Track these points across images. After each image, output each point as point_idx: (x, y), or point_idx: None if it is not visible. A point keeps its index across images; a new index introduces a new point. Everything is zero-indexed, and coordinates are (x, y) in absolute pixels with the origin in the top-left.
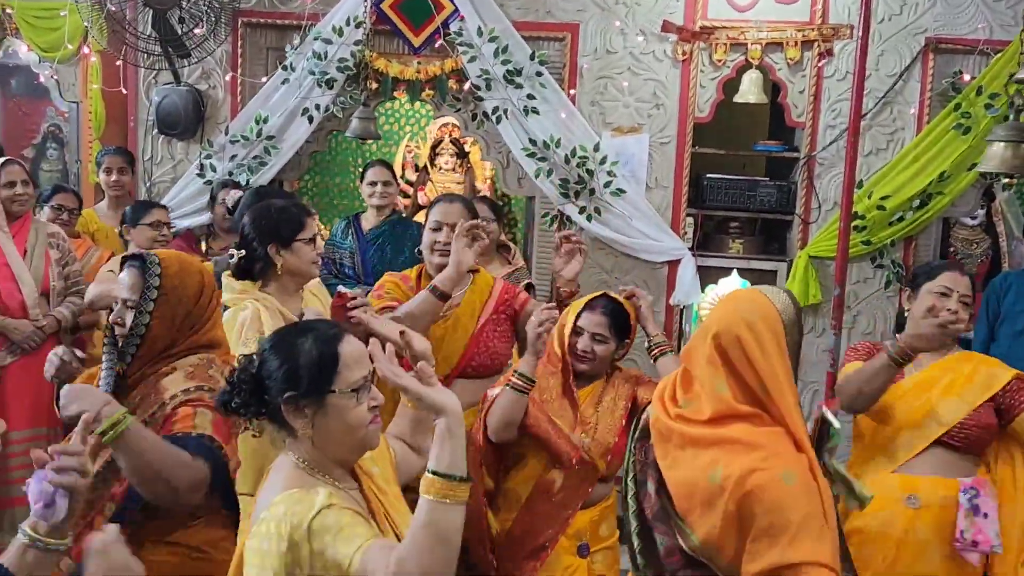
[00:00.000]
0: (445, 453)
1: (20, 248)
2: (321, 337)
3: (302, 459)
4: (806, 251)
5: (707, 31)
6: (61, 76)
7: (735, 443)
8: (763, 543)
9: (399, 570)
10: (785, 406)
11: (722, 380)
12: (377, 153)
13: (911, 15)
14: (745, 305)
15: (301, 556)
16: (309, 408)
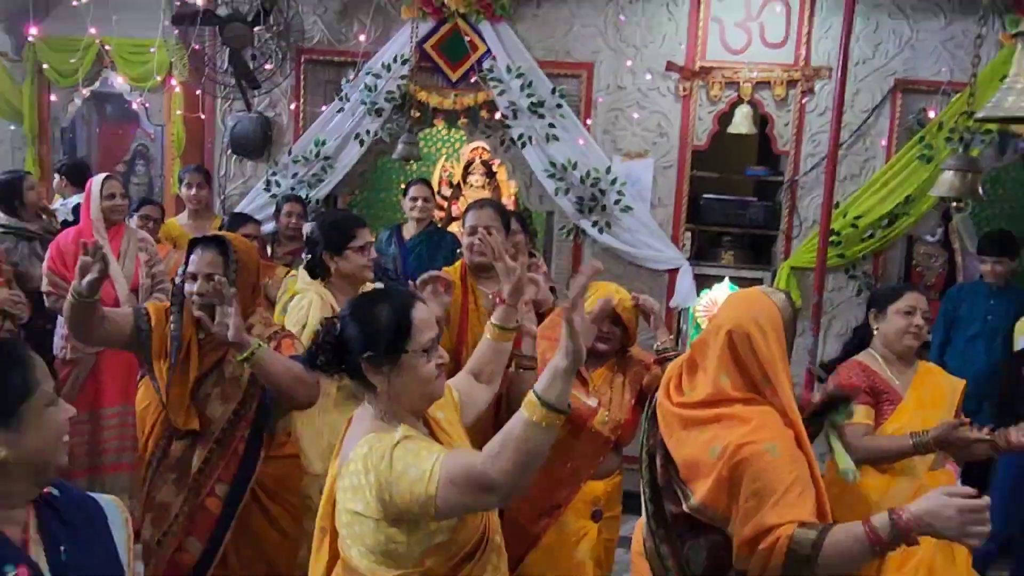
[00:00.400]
0: (556, 387)
1: (115, 251)
2: (396, 304)
3: (380, 410)
4: (788, 262)
5: (705, 71)
6: (149, 103)
7: (731, 419)
8: (751, 506)
9: (489, 464)
10: (783, 392)
11: (724, 371)
12: (417, 172)
13: (882, 59)
14: (754, 305)
15: (387, 481)
16: (386, 366)
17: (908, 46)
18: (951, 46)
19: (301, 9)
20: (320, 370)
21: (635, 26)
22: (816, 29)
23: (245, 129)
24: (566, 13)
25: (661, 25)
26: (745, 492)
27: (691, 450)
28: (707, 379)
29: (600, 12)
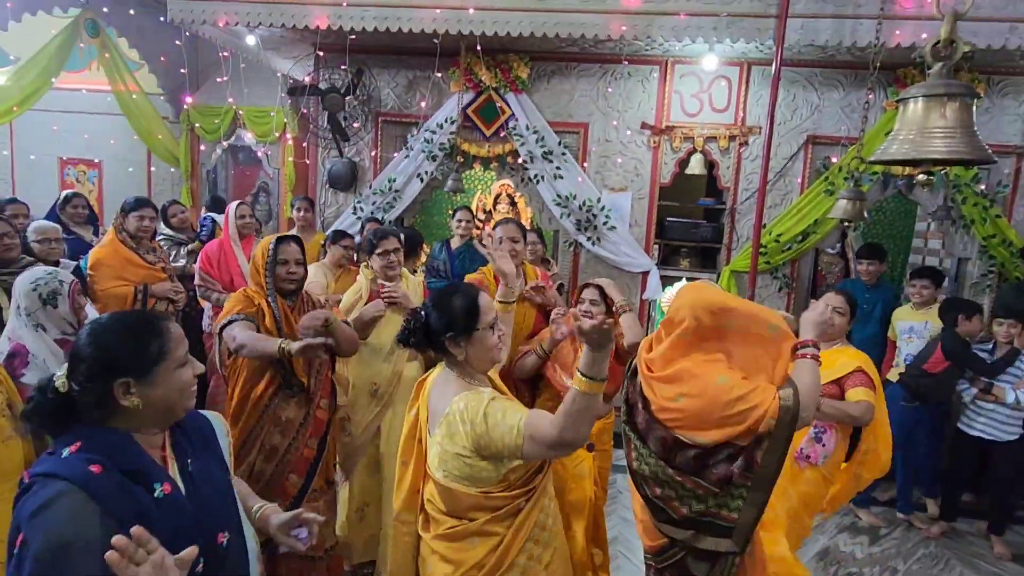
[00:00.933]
0: (595, 367)
1: (246, 255)
2: (466, 295)
3: (459, 373)
4: (729, 267)
5: (669, 128)
6: (270, 152)
7: (685, 373)
8: (735, 410)
9: (558, 429)
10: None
11: (679, 338)
12: (460, 201)
13: (798, 120)
14: (705, 293)
15: (482, 432)
16: (463, 341)
17: (817, 110)
18: (848, 110)
19: (379, 84)
20: (413, 347)
21: (618, 96)
22: (750, 98)
23: (338, 170)
24: (568, 87)
25: (637, 95)
26: (726, 409)
27: (662, 400)
28: (667, 345)
29: (593, 86)
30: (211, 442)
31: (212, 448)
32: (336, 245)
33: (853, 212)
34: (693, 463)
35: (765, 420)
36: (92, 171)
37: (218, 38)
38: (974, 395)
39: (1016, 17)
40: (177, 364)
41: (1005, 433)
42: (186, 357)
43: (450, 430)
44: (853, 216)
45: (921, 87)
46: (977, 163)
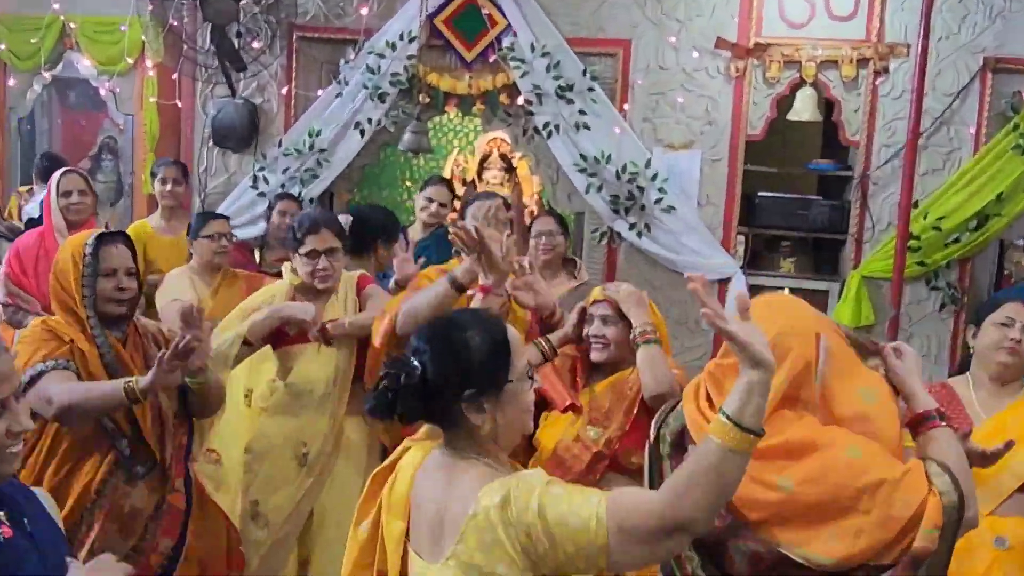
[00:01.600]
0: (751, 407)
1: None
2: (489, 329)
3: (476, 454)
4: (859, 271)
5: (761, 48)
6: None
7: (798, 444)
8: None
9: (676, 503)
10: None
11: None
12: (425, 167)
13: (970, 34)
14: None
15: (542, 534)
16: (488, 403)
17: (1000, 18)
18: None
19: None
20: (399, 420)
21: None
22: (890, 2)
23: (229, 117)
24: None
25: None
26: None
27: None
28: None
29: None
30: (44, 514)
31: (49, 519)
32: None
33: None
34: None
35: (928, 520)
36: None
37: None
38: None
39: None
40: None
41: None
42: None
43: (484, 541)
44: None
45: None
46: None
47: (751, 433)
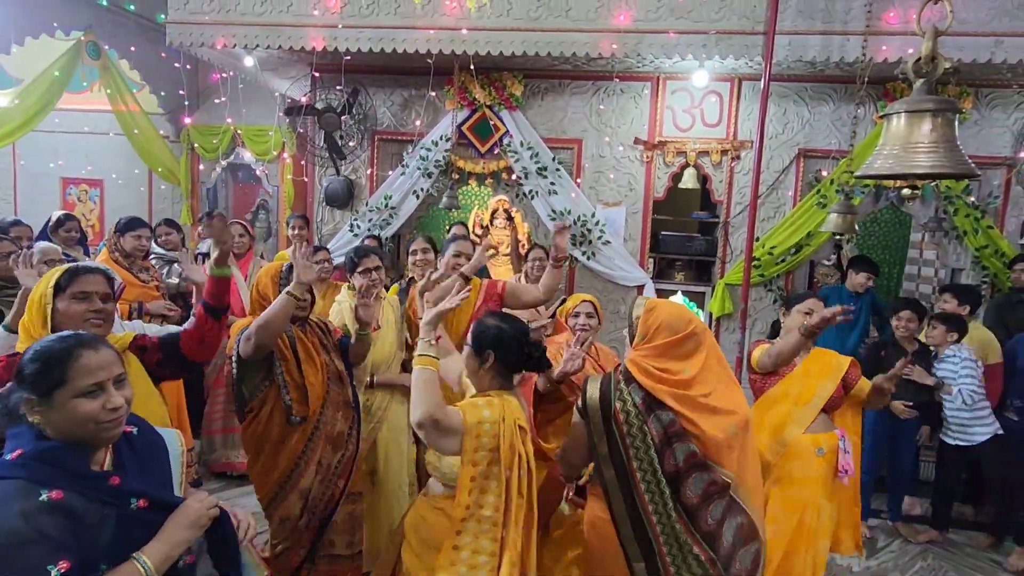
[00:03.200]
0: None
1: (243, 273)
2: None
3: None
4: (723, 280)
5: (662, 143)
6: (268, 171)
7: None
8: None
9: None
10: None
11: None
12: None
13: (790, 134)
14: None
15: None
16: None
17: (808, 124)
18: (839, 123)
19: (375, 103)
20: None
21: (611, 112)
22: (742, 113)
23: (335, 188)
24: (562, 103)
25: (630, 111)
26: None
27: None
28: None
29: (586, 102)
30: (158, 462)
31: (157, 468)
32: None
33: (844, 225)
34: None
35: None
36: (94, 190)
37: (216, 59)
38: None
39: (1000, 32)
40: (77, 393)
41: (977, 435)
42: (94, 387)
43: None
44: (845, 229)
45: (903, 103)
46: (960, 177)
47: (428, 357)
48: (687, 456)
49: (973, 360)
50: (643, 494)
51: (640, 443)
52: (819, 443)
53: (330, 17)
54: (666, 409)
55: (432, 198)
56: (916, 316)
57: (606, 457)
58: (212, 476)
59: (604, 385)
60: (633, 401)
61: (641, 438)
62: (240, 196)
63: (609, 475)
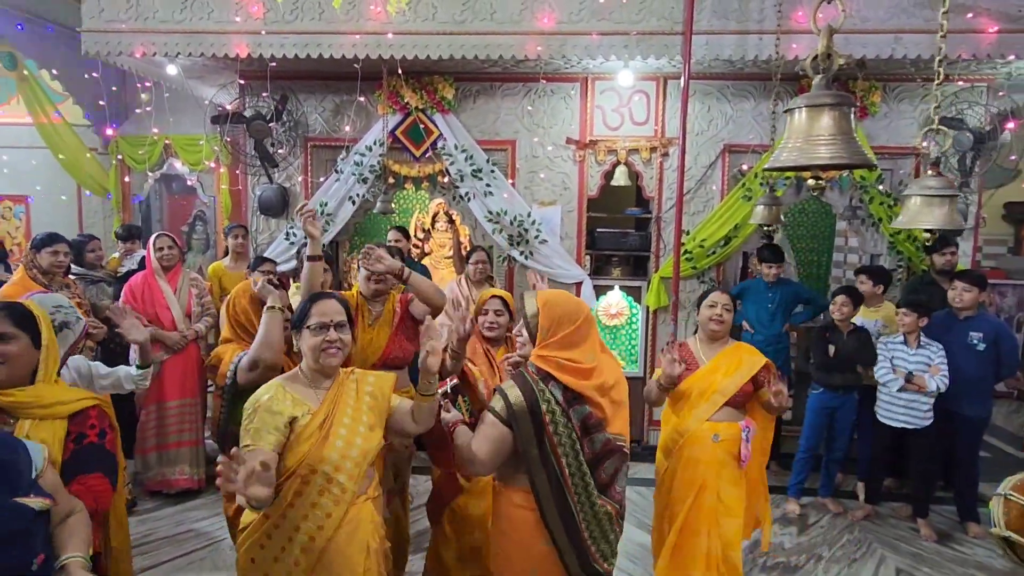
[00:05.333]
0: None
1: (172, 287)
2: (312, 296)
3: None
4: (658, 274)
5: (593, 143)
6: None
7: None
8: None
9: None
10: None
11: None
12: (396, 222)
13: (715, 130)
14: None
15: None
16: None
17: (731, 120)
18: (760, 119)
19: (305, 109)
20: None
21: (543, 113)
22: (668, 111)
23: (268, 196)
24: (494, 105)
25: (561, 111)
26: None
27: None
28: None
29: (518, 104)
30: (9, 472)
31: (9, 477)
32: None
33: (770, 217)
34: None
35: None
36: (19, 206)
37: (139, 68)
38: (900, 385)
39: (900, 28)
40: None
41: (923, 420)
42: None
43: None
44: (771, 220)
45: (804, 98)
46: (856, 167)
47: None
48: (603, 444)
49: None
50: (568, 480)
51: (566, 439)
52: (716, 430)
53: (253, 23)
54: (583, 403)
55: (369, 203)
56: (851, 301)
57: (536, 459)
58: (148, 495)
59: (525, 389)
60: (556, 399)
61: (567, 434)
62: (175, 208)
63: (540, 476)
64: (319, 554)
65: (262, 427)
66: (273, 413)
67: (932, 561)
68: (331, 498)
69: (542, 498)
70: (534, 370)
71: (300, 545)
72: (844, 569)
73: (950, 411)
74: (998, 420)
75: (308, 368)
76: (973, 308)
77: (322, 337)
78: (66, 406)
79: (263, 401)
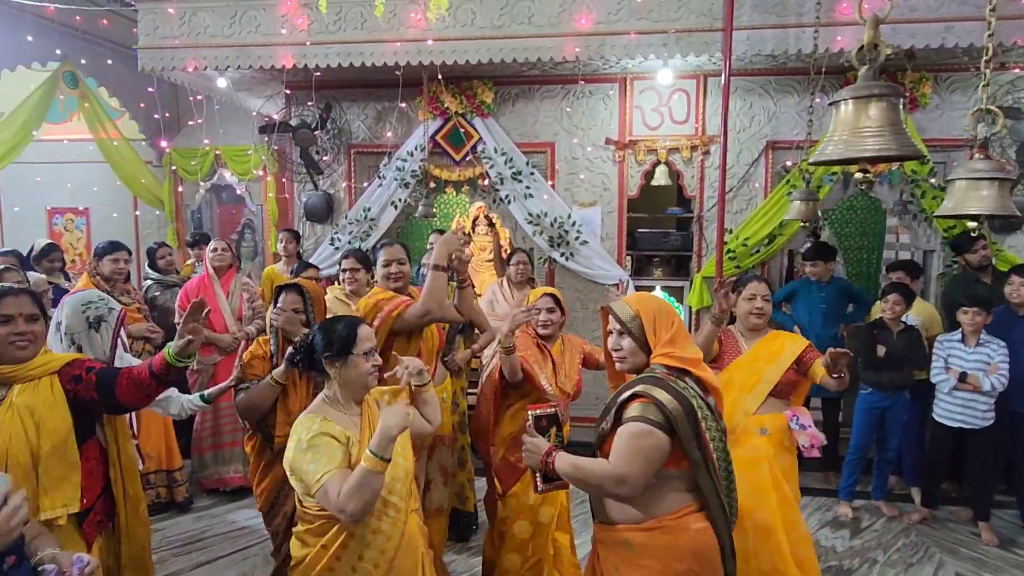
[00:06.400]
0: (382, 445)
1: (225, 290)
2: (347, 322)
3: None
4: (700, 273)
5: (633, 143)
6: (251, 189)
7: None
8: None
9: (341, 499)
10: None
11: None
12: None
13: (757, 127)
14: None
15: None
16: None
17: (774, 116)
18: (804, 115)
19: (348, 117)
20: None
21: (581, 115)
22: (708, 109)
23: (314, 203)
24: (532, 108)
25: (600, 112)
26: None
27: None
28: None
29: (556, 106)
30: None
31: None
32: (304, 276)
33: (807, 212)
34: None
35: None
36: (80, 219)
37: (190, 82)
38: (953, 385)
39: (950, 17)
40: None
41: (983, 420)
42: None
43: (289, 447)
44: (807, 216)
45: (850, 90)
46: (906, 159)
47: (383, 459)
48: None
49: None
50: (719, 477)
51: (715, 432)
52: (762, 423)
53: (298, 35)
54: (708, 392)
55: (411, 208)
56: (903, 299)
57: (700, 461)
58: (204, 493)
59: (673, 391)
60: (699, 395)
61: (715, 427)
62: (225, 217)
63: (704, 479)
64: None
65: (331, 450)
66: (333, 437)
67: (994, 566)
68: (389, 521)
69: (712, 507)
70: (663, 371)
71: (364, 574)
72: (901, 573)
73: (1012, 411)
74: None
75: (343, 395)
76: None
77: (372, 362)
78: (52, 363)
79: (316, 429)
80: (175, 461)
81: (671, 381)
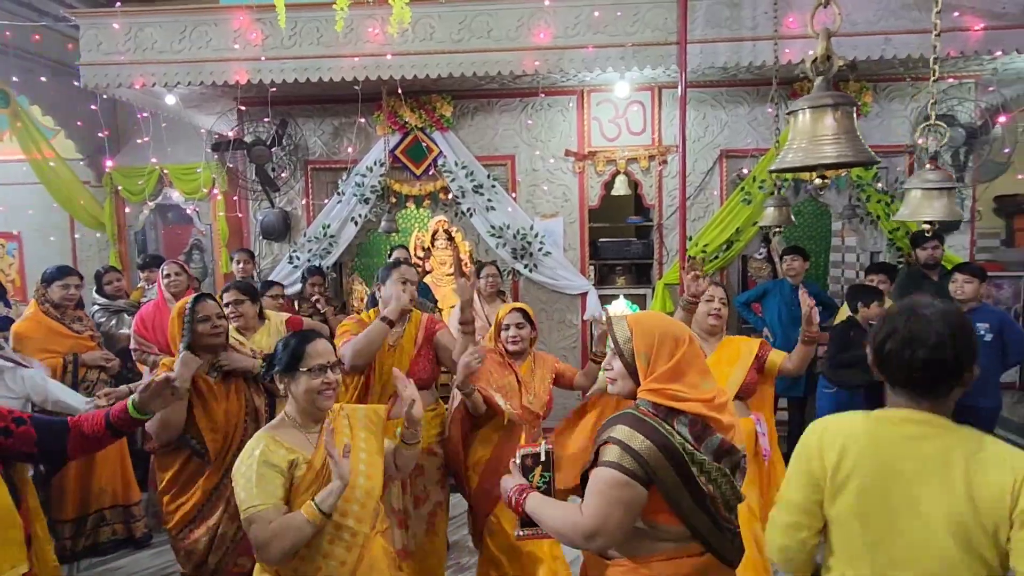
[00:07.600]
0: (328, 498)
1: None
2: (301, 336)
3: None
4: (662, 281)
5: (592, 153)
6: (199, 209)
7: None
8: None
9: (261, 537)
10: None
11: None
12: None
13: (711, 136)
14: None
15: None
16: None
17: (726, 126)
18: (755, 124)
19: (305, 133)
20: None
21: (541, 127)
22: (664, 120)
23: (271, 220)
24: (492, 121)
25: (559, 124)
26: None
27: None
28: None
29: (516, 119)
30: None
31: None
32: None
33: (781, 218)
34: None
35: None
36: (11, 243)
37: (136, 99)
38: None
39: (888, 30)
40: None
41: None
42: None
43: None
44: (781, 222)
45: (806, 99)
46: (862, 164)
47: (322, 514)
48: (732, 467)
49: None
50: (723, 514)
51: (716, 473)
52: None
53: (252, 50)
54: (712, 431)
55: (371, 223)
56: (878, 302)
57: (692, 508)
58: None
59: (650, 433)
60: (686, 438)
61: (716, 469)
62: (171, 238)
63: (699, 520)
64: None
65: (268, 484)
66: (272, 466)
67: None
68: (343, 545)
69: (716, 547)
70: (648, 408)
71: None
72: None
73: (964, 404)
74: (1004, 411)
75: (298, 412)
76: (975, 300)
77: (321, 379)
78: None
79: (257, 456)
80: (132, 495)
81: (656, 423)
